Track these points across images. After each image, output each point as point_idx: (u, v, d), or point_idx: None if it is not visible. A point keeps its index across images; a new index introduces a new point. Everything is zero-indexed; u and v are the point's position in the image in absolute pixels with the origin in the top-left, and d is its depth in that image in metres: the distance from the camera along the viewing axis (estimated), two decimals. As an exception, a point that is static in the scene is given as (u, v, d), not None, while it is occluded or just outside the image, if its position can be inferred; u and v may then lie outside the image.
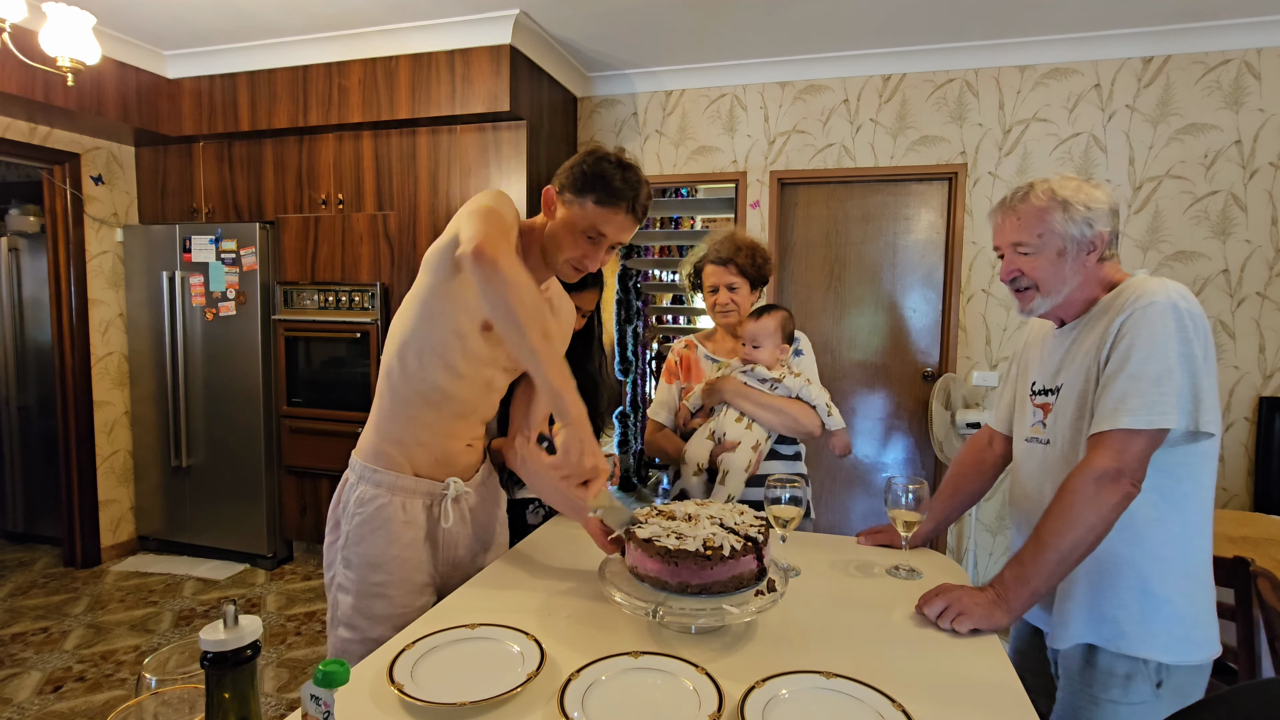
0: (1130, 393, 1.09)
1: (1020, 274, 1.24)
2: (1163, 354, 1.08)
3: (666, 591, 1.04)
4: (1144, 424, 1.07)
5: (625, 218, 1.24)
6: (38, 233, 3.88)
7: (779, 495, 1.28)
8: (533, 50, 3.29)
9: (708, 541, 1.05)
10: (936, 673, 0.97)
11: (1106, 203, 1.19)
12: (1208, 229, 3.15)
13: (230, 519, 3.80)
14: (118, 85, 3.44)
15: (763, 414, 1.75)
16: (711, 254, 1.89)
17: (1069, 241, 1.19)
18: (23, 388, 4.11)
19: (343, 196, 3.56)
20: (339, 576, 1.32)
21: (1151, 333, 1.09)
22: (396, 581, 1.30)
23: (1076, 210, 1.18)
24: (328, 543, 1.36)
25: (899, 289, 3.62)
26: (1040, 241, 1.21)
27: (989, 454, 1.51)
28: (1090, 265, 1.21)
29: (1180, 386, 1.08)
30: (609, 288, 5.07)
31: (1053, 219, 1.19)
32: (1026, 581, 1.11)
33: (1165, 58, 3.15)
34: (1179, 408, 1.07)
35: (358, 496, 1.31)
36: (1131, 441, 1.08)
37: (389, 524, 1.30)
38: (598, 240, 1.25)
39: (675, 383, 1.96)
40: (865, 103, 3.52)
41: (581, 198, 1.23)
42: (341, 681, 0.61)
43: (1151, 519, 1.14)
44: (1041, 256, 1.21)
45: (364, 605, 1.29)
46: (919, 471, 3.69)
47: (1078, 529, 1.09)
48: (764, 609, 1.03)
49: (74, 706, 2.45)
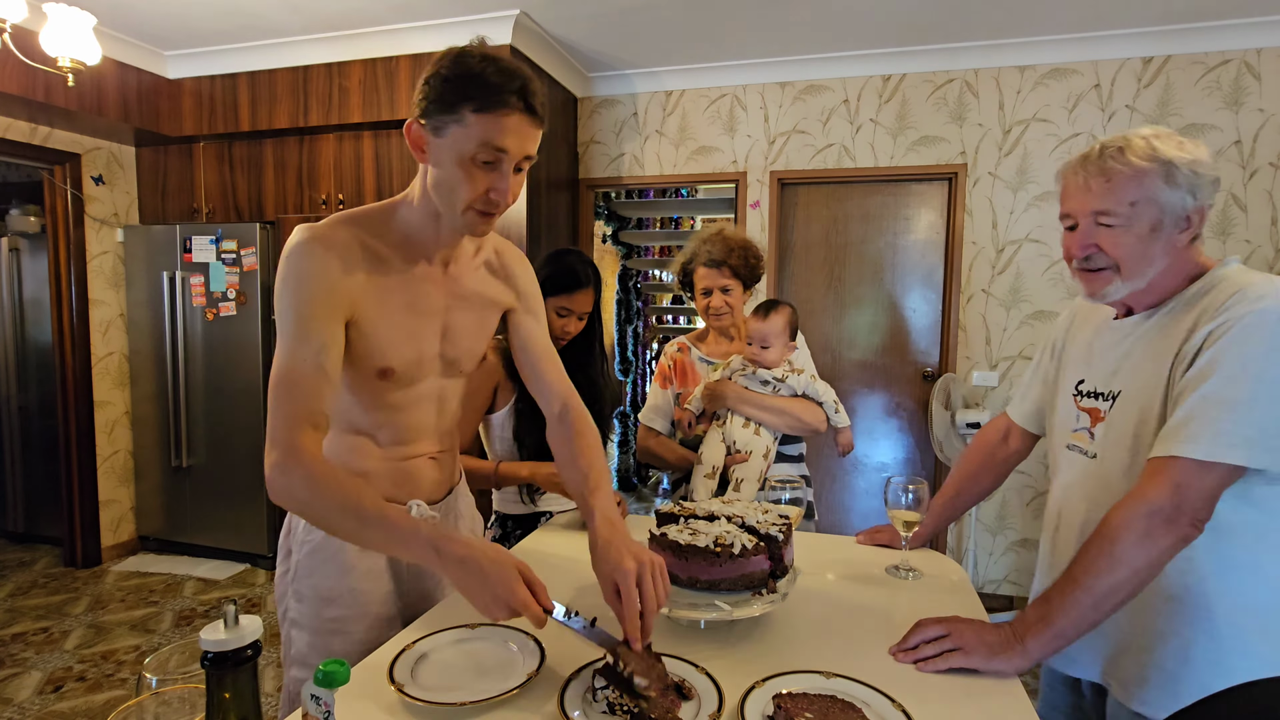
0: (1198, 416, 0.91)
1: (1098, 250, 1.01)
2: (1253, 374, 0.89)
3: (678, 585, 1.05)
4: (1204, 455, 0.89)
5: (520, 118, 0.94)
6: (38, 233, 3.89)
7: (779, 496, 1.28)
8: (533, 50, 3.29)
9: (719, 539, 1.06)
10: (930, 668, 0.97)
11: (1213, 169, 0.98)
12: (1208, 229, 3.15)
13: (231, 519, 3.80)
14: (118, 85, 3.44)
15: (768, 417, 1.74)
16: (703, 256, 1.84)
17: (1167, 214, 0.97)
18: (23, 388, 4.11)
19: (343, 197, 3.56)
20: (291, 611, 1.16)
21: (1245, 346, 0.90)
22: (354, 616, 1.14)
23: (1181, 175, 0.96)
24: (278, 574, 1.20)
25: (899, 289, 3.62)
26: (1132, 211, 0.97)
27: (1001, 450, 1.38)
28: (1181, 246, 1.00)
29: (1265, 418, 0.89)
30: (609, 287, 5.06)
31: (1153, 185, 0.96)
32: (1051, 623, 0.93)
33: (1165, 58, 3.15)
34: (1257, 443, 0.89)
35: (304, 525, 1.14)
36: (1198, 476, 0.90)
37: (341, 553, 1.13)
38: (497, 160, 0.95)
39: (670, 388, 1.92)
40: (865, 103, 3.52)
41: (457, 112, 0.93)
42: (342, 681, 0.61)
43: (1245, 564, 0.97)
44: (1130, 231, 0.98)
45: (320, 642, 1.13)
46: (919, 471, 3.69)
47: (1118, 571, 0.91)
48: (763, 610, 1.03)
49: (74, 706, 2.45)
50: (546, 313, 1.65)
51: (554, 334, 1.71)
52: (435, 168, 0.98)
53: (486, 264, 1.20)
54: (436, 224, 1.05)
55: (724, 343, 1.95)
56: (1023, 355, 3.42)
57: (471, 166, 0.95)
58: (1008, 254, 3.40)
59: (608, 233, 4.99)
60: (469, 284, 1.16)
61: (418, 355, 1.10)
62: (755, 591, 1.06)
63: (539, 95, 0.96)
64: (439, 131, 0.96)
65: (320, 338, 0.96)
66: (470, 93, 0.92)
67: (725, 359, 1.88)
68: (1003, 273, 3.41)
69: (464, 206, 0.98)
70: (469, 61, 0.93)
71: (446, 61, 0.95)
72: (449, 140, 0.95)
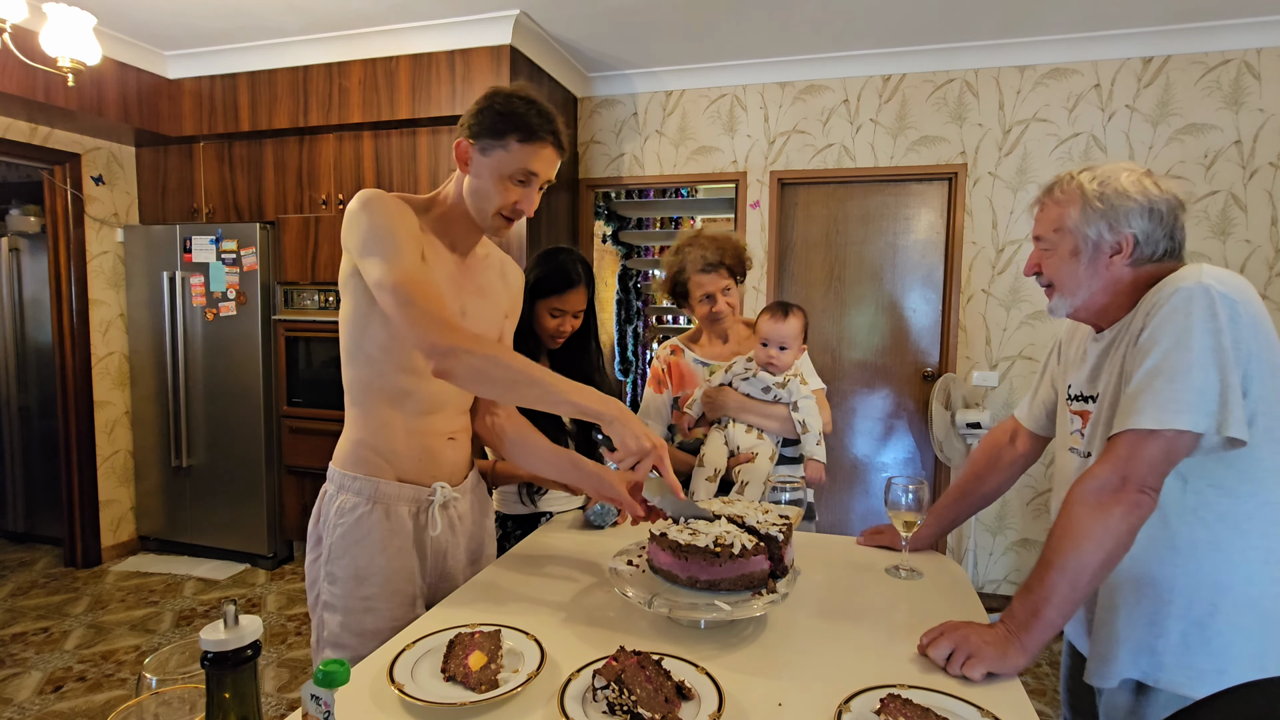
0: (1143, 389, 0.97)
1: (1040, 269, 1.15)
2: (1184, 345, 0.95)
3: (677, 585, 1.07)
4: (1152, 423, 0.95)
5: (551, 151, 1.19)
6: (38, 233, 3.89)
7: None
8: (533, 50, 3.29)
9: (719, 539, 1.06)
10: (933, 665, 0.97)
11: (1143, 200, 1.05)
12: (1208, 229, 3.15)
13: (230, 519, 3.80)
14: (118, 85, 3.44)
15: (770, 423, 1.73)
16: (697, 262, 1.79)
17: (1083, 242, 1.08)
18: (23, 388, 4.11)
19: (343, 197, 3.56)
20: (324, 594, 1.24)
21: (1174, 322, 0.96)
22: (386, 594, 1.23)
23: (1092, 208, 1.06)
24: (309, 561, 1.28)
25: (899, 289, 3.62)
26: (1057, 238, 1.11)
27: (1009, 451, 1.40)
28: (1117, 269, 1.07)
29: (1201, 383, 0.94)
30: (609, 287, 5.06)
31: (1070, 215, 1.08)
32: (1037, 611, 0.97)
33: (1165, 58, 3.15)
34: (1198, 408, 0.93)
35: (338, 507, 1.24)
36: (1141, 445, 0.96)
37: (373, 533, 1.22)
38: (529, 181, 1.19)
39: (665, 391, 1.90)
40: (865, 103, 3.52)
41: (503, 140, 1.16)
42: (342, 681, 0.62)
43: (1203, 541, 1.01)
44: (1056, 254, 1.11)
45: (353, 622, 1.21)
46: (919, 471, 3.69)
47: (1082, 545, 0.96)
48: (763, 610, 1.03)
49: (74, 706, 2.46)
50: (540, 314, 1.67)
51: (549, 334, 1.70)
52: (475, 178, 1.19)
53: (495, 268, 1.38)
54: (464, 222, 1.24)
55: (719, 344, 1.92)
56: (1022, 355, 3.42)
57: (508, 183, 1.18)
58: (1008, 254, 3.40)
59: (608, 233, 4.99)
60: (480, 278, 1.33)
61: None
62: (755, 591, 1.06)
63: (564, 134, 1.21)
64: (485, 152, 1.17)
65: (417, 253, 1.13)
66: (516, 128, 1.15)
67: (721, 360, 1.85)
68: (1003, 273, 3.41)
69: (494, 212, 1.20)
70: (516, 104, 1.16)
71: (500, 99, 1.17)
72: (492, 160, 1.17)
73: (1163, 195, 1.05)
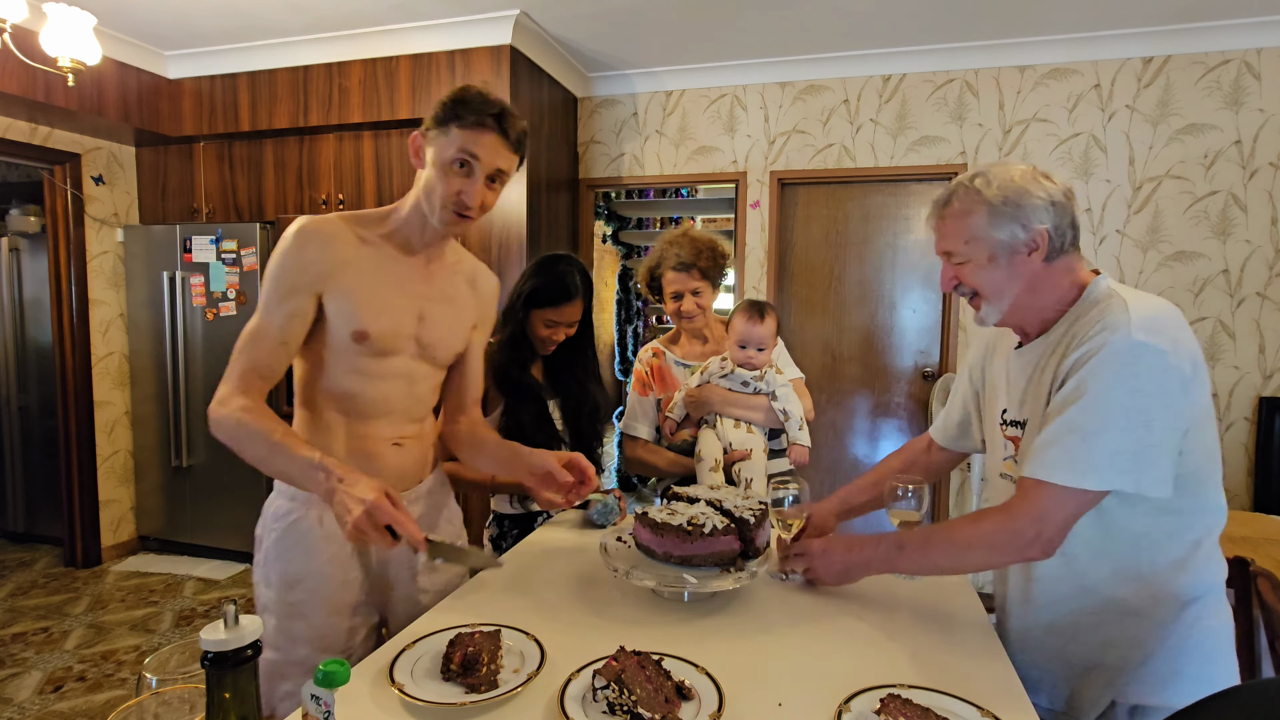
0: (1057, 441, 0.98)
1: (959, 282, 1.13)
2: (1104, 404, 0.95)
3: (655, 560, 1.17)
4: (1064, 481, 0.96)
5: (494, 137, 1.15)
6: (38, 233, 3.89)
7: (781, 498, 1.28)
8: (533, 50, 3.29)
9: (693, 519, 1.16)
10: (932, 665, 0.97)
11: (1044, 195, 1.05)
12: (1208, 229, 3.15)
13: (230, 519, 3.80)
14: (118, 85, 3.44)
15: (755, 415, 1.75)
16: (671, 259, 1.82)
17: (999, 246, 1.06)
18: (23, 388, 4.11)
19: (343, 196, 3.56)
20: (261, 596, 1.23)
21: (1098, 377, 0.96)
22: (316, 601, 1.19)
23: (1000, 211, 1.05)
24: (255, 561, 1.26)
25: (899, 289, 3.62)
26: (969, 248, 1.09)
27: (923, 458, 1.44)
28: (1036, 266, 1.07)
29: (1117, 445, 0.94)
30: (609, 287, 5.06)
31: (978, 224, 1.07)
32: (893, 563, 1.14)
33: (1165, 58, 3.15)
34: (1109, 467, 0.95)
35: (274, 510, 1.23)
36: (1062, 504, 0.97)
37: (306, 538, 1.20)
38: (470, 165, 1.15)
39: (650, 394, 1.91)
40: (865, 103, 3.52)
41: (445, 127, 1.15)
42: (342, 681, 0.62)
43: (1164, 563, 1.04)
44: (973, 263, 1.09)
45: (285, 626, 1.19)
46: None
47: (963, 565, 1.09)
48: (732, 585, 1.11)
49: (74, 706, 2.46)
50: (534, 323, 1.66)
51: (541, 343, 1.69)
52: (426, 171, 1.19)
53: (464, 276, 1.35)
54: (423, 225, 1.22)
55: (697, 345, 1.93)
56: (1023, 355, 3.41)
57: (448, 169, 1.15)
58: (1008, 254, 3.40)
59: (608, 233, 4.99)
60: (444, 284, 1.30)
61: (394, 327, 1.21)
62: (724, 569, 1.14)
63: (515, 126, 1.18)
64: (431, 142, 1.17)
65: (287, 308, 1.15)
66: (458, 111, 1.15)
67: (700, 361, 1.87)
68: (1003, 273, 3.41)
69: (440, 204, 1.17)
70: (465, 92, 1.16)
71: (453, 92, 1.17)
72: (435, 148, 1.17)
73: (1057, 187, 1.06)
